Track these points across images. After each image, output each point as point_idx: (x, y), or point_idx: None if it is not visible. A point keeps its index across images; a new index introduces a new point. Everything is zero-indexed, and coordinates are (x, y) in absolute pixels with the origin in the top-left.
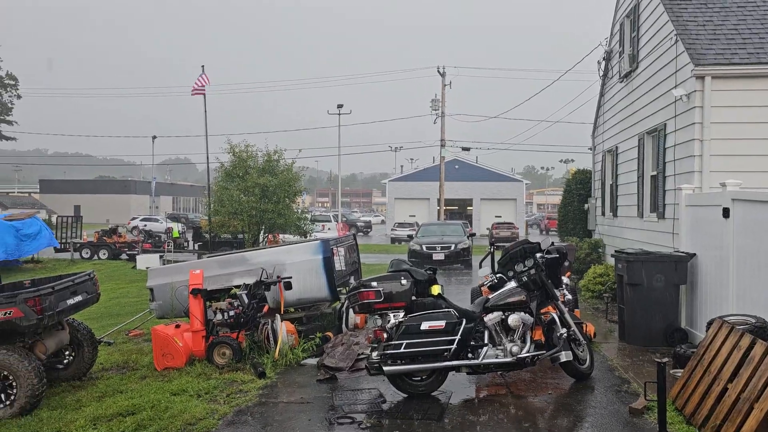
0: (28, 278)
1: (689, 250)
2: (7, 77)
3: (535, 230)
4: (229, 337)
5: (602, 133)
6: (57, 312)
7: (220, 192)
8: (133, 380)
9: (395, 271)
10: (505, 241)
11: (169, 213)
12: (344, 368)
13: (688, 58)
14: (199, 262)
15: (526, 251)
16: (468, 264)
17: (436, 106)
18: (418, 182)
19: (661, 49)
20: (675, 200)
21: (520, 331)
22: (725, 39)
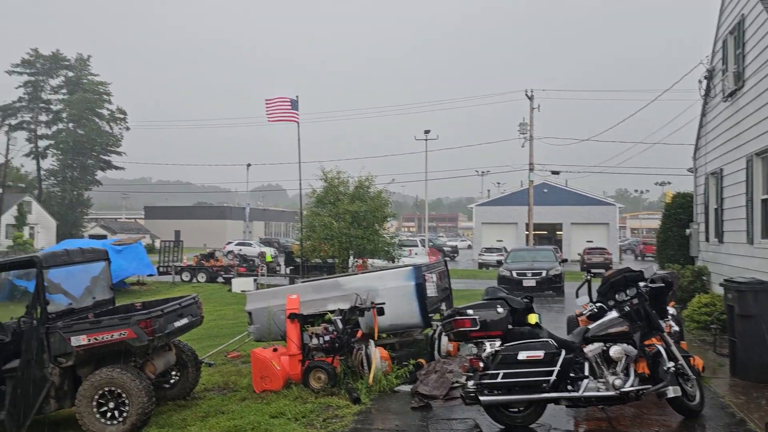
0: (135, 300)
1: None
2: (118, 111)
3: (629, 256)
4: (324, 362)
5: (705, 154)
6: (166, 333)
7: (311, 217)
8: (233, 401)
9: (491, 298)
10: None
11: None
12: (438, 396)
13: None
14: (294, 287)
15: (628, 280)
16: (560, 291)
17: (524, 130)
18: (506, 206)
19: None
20: None
21: (623, 363)
22: None
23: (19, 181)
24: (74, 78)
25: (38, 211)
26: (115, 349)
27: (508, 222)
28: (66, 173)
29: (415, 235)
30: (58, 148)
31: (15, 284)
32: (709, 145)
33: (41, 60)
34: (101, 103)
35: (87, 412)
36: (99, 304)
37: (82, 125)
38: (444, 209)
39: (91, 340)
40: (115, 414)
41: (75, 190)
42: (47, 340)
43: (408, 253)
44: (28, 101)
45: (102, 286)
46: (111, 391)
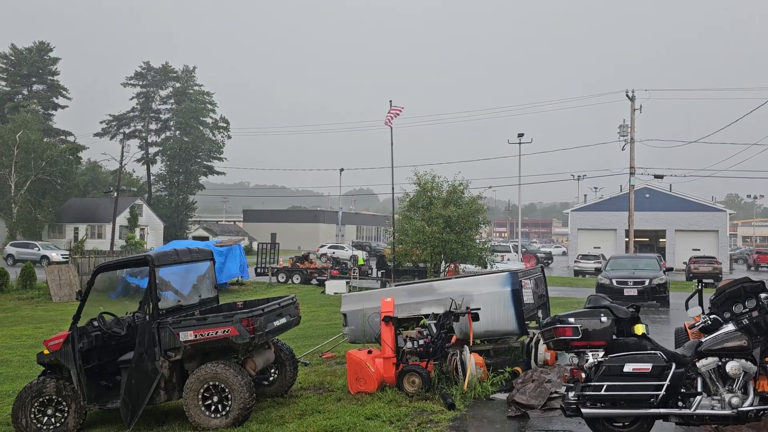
0: (235, 299)
1: None
2: (221, 120)
3: (741, 266)
4: (418, 366)
5: None
6: (266, 332)
7: (403, 221)
8: (329, 401)
9: (594, 307)
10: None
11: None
12: (536, 406)
13: None
14: (389, 290)
15: (747, 291)
16: (665, 301)
17: (625, 132)
18: (604, 212)
19: None
20: None
21: (741, 380)
22: None
23: (132, 186)
24: (181, 89)
25: (148, 214)
26: (219, 346)
27: (606, 228)
28: (173, 178)
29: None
30: (166, 155)
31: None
32: None
33: (152, 72)
34: (205, 112)
35: (193, 404)
36: (204, 302)
37: (187, 133)
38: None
39: (197, 336)
40: (218, 408)
41: (181, 194)
42: (158, 335)
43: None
44: (140, 111)
45: (207, 284)
46: (215, 385)
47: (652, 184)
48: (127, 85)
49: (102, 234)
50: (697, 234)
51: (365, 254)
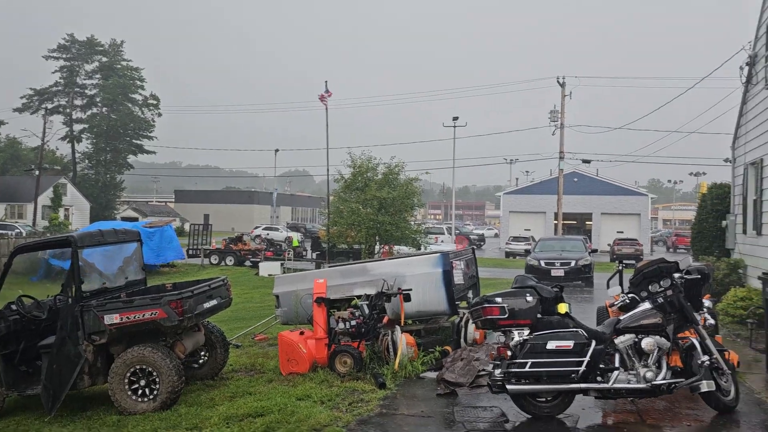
0: (164, 281)
1: None
2: (151, 98)
3: (661, 247)
4: (350, 346)
5: (744, 144)
6: (195, 314)
7: (338, 203)
8: (260, 383)
9: (520, 287)
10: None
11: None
12: (464, 384)
13: None
14: (322, 272)
15: (662, 271)
16: (589, 282)
17: (555, 118)
18: (534, 195)
19: None
20: None
21: (655, 355)
22: None
23: (55, 164)
24: (108, 63)
25: (73, 194)
26: (146, 329)
27: (536, 211)
28: (99, 157)
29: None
30: (92, 132)
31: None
32: (749, 134)
33: (76, 45)
34: (134, 89)
35: (119, 388)
36: (131, 284)
37: (115, 110)
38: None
39: (123, 318)
40: (146, 391)
41: (108, 173)
42: (81, 318)
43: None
44: (64, 86)
45: (134, 266)
46: (142, 369)
47: (580, 168)
48: (50, 58)
49: (23, 214)
50: (621, 217)
51: (300, 236)
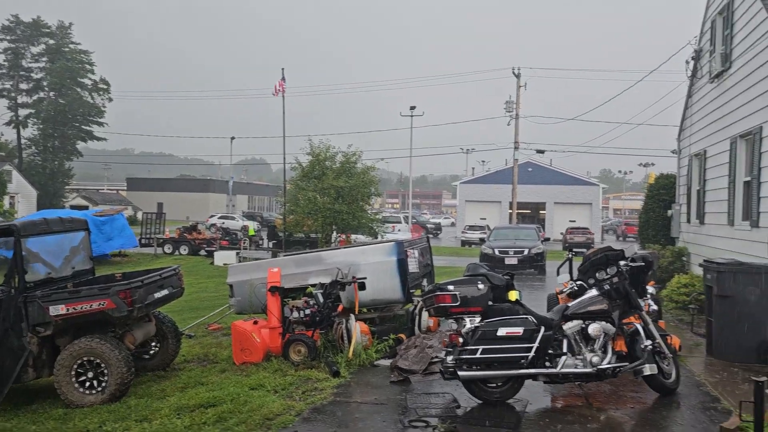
0: (116, 271)
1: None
2: (101, 82)
3: (611, 236)
4: (304, 335)
5: (689, 136)
6: (146, 304)
7: (295, 191)
8: (213, 373)
9: (472, 275)
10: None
11: (245, 211)
12: (417, 371)
13: None
14: (276, 261)
15: (609, 258)
16: (542, 269)
17: (510, 108)
18: (490, 185)
19: (759, 47)
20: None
21: (601, 341)
22: None
23: None
24: (55, 46)
25: (18, 181)
26: (94, 319)
27: (491, 200)
28: (47, 143)
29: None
30: (39, 118)
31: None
32: (694, 126)
33: (21, 27)
34: (83, 73)
35: (65, 381)
36: (78, 274)
37: (63, 95)
38: (428, 186)
39: (69, 309)
40: (93, 384)
41: (56, 160)
42: (25, 309)
43: (391, 230)
44: (8, 68)
45: (82, 256)
46: (90, 360)
47: (534, 158)
48: None
49: None
50: (574, 206)
51: (257, 225)
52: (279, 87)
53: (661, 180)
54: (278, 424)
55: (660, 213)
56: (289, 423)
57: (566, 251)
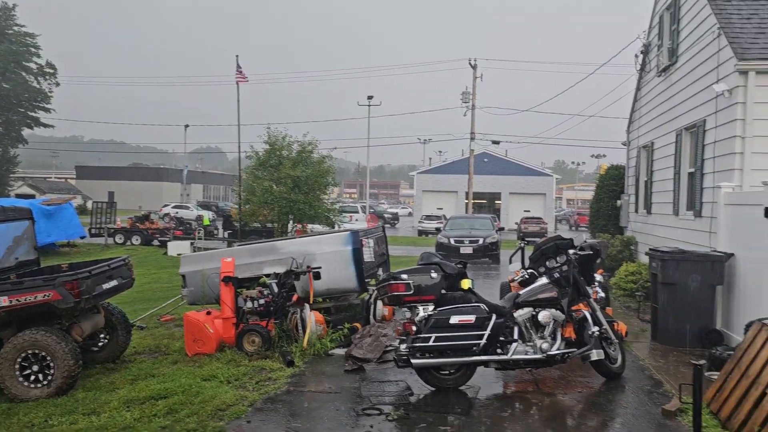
0: (63, 262)
1: (727, 250)
2: (47, 66)
3: (564, 226)
4: (258, 325)
5: (638, 128)
6: (93, 296)
7: (251, 181)
8: (164, 365)
9: (425, 264)
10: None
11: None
12: (372, 360)
13: (731, 52)
14: (230, 250)
15: (559, 247)
16: (496, 258)
17: (467, 99)
18: (447, 175)
19: (703, 42)
20: (713, 198)
21: (551, 327)
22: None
23: None
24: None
25: None
26: (39, 311)
27: (448, 190)
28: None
29: (357, 202)
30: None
31: None
32: (642, 119)
33: None
34: (28, 56)
35: (9, 375)
36: (22, 265)
37: (7, 79)
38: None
39: (13, 301)
40: (39, 377)
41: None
42: None
43: (349, 219)
44: None
45: (25, 246)
46: (35, 353)
47: (490, 149)
48: None
49: None
50: (528, 197)
51: (212, 214)
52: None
53: (612, 171)
54: (231, 415)
55: (610, 203)
56: (242, 413)
57: (519, 240)
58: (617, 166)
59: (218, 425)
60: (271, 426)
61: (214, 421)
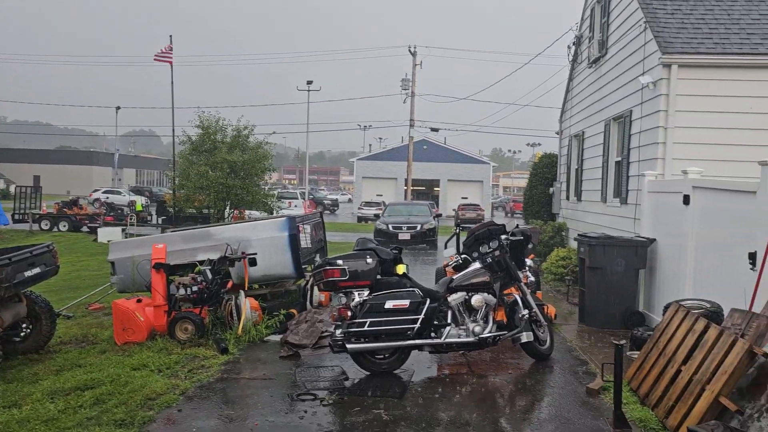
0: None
1: (650, 236)
2: None
3: (500, 212)
4: (191, 313)
5: (570, 117)
6: (14, 284)
7: (185, 166)
8: (92, 354)
9: (361, 249)
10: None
11: (133, 186)
12: (308, 345)
13: (655, 45)
14: (162, 237)
15: (492, 233)
16: (433, 244)
17: (407, 86)
18: (387, 162)
19: (630, 35)
20: (638, 186)
21: (483, 311)
22: (692, 28)
23: None
24: None
25: None
26: None
27: (388, 177)
28: None
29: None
30: None
31: None
32: (574, 108)
33: None
34: None
35: None
36: None
37: None
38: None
39: None
40: None
41: None
42: None
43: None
44: None
45: None
46: None
47: (429, 136)
48: None
49: None
50: (466, 184)
51: (145, 200)
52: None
53: (545, 159)
54: (161, 404)
55: (543, 190)
56: (173, 402)
57: (455, 227)
58: (550, 154)
59: (148, 414)
60: (203, 414)
61: (143, 411)
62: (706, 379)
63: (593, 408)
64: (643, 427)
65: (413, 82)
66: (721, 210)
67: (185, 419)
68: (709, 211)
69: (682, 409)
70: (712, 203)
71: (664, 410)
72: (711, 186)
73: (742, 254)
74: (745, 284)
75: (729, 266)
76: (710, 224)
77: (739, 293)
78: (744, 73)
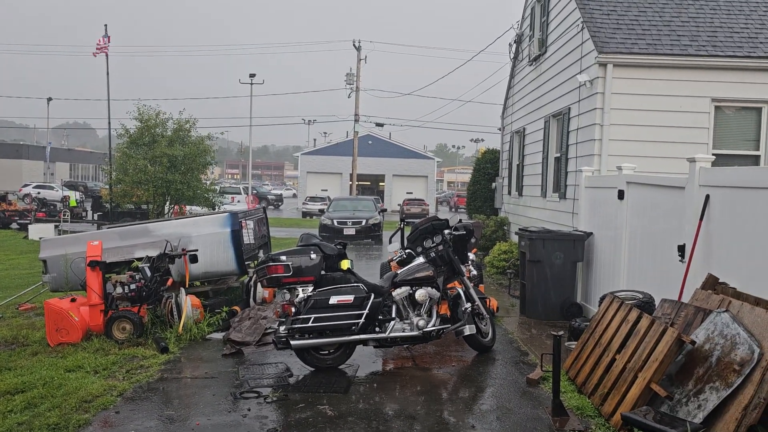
0: None
1: (587, 230)
2: None
3: (444, 207)
4: (129, 312)
5: (511, 114)
6: None
7: (123, 160)
8: (23, 357)
9: (305, 245)
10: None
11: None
12: (251, 342)
13: (592, 45)
14: (98, 233)
15: (435, 228)
16: (378, 239)
17: (351, 81)
18: (331, 156)
19: (568, 35)
20: (576, 181)
21: (427, 305)
22: (627, 29)
23: None
24: None
25: None
26: None
27: (333, 172)
28: None
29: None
30: None
31: None
32: (515, 105)
33: None
34: None
35: None
36: None
37: None
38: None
39: None
40: None
41: None
42: None
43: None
44: None
45: None
46: None
47: (374, 131)
48: None
49: None
50: (411, 179)
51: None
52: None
53: (488, 155)
54: (97, 406)
55: (486, 186)
56: (110, 404)
57: (400, 221)
58: (493, 150)
59: (83, 417)
60: (142, 415)
61: (78, 414)
62: (638, 367)
63: (533, 398)
64: (580, 414)
65: (358, 76)
66: (653, 204)
67: (123, 421)
68: (642, 206)
69: (616, 396)
70: (645, 198)
71: (600, 398)
72: (643, 181)
73: (672, 247)
74: (675, 275)
75: (660, 258)
76: (643, 218)
77: (669, 284)
78: (674, 73)
